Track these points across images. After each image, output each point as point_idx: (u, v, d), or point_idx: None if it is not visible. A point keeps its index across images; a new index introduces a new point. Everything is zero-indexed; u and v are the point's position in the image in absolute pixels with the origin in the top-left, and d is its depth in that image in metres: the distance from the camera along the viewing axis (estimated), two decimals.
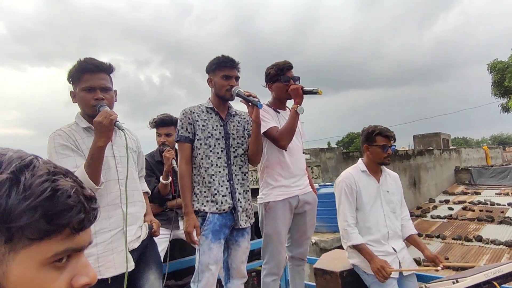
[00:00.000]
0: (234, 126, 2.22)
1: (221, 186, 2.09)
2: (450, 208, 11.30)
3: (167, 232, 2.49)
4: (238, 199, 2.13)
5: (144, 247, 1.85)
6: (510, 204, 10.91)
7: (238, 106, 2.28)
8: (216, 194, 2.07)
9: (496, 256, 7.53)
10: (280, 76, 2.38)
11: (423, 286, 2.14)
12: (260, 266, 2.56)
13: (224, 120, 2.19)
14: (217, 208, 2.06)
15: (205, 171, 2.08)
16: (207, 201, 2.07)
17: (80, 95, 1.69)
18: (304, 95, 2.28)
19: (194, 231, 2.00)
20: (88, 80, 1.68)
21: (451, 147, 17.98)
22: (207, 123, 2.13)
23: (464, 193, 13.22)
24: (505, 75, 16.26)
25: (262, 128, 2.18)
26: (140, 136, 2.10)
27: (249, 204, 2.22)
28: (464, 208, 11.14)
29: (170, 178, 2.68)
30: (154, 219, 1.97)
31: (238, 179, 2.17)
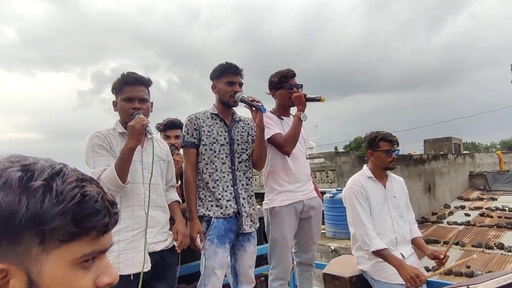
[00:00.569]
0: (238, 132, 2.25)
1: (225, 191, 2.11)
2: (467, 214, 11.02)
3: None
4: (242, 204, 2.14)
5: (164, 262, 1.90)
6: None
7: (242, 111, 2.33)
8: (220, 199, 2.09)
9: None
10: (284, 84, 2.42)
11: None
12: (268, 271, 2.57)
13: (228, 126, 2.22)
14: (221, 212, 2.07)
15: (209, 176, 2.11)
16: (212, 205, 2.09)
17: (121, 104, 1.90)
18: (307, 102, 2.31)
19: (198, 237, 2.02)
20: (129, 92, 1.88)
21: (464, 152, 17.57)
22: (212, 129, 2.16)
23: (480, 198, 12.88)
24: None
25: (266, 135, 2.21)
26: None
27: (253, 209, 2.23)
28: (481, 215, 10.83)
29: (179, 181, 2.71)
30: (181, 229, 1.98)
31: (243, 184, 2.19)
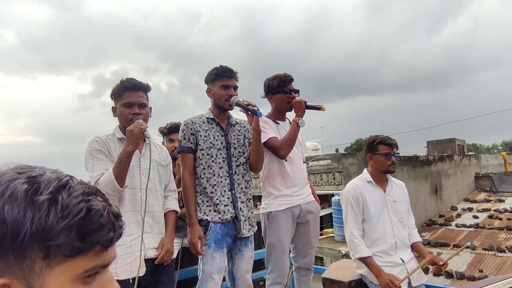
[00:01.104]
0: (235, 135, 2.24)
1: (222, 196, 2.10)
2: (475, 217, 10.84)
3: (178, 241, 2.50)
4: (240, 208, 2.14)
5: (162, 267, 1.92)
6: None
7: (237, 115, 2.32)
8: (218, 204, 2.08)
9: None
10: (283, 88, 2.40)
11: None
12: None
13: (225, 130, 2.21)
14: (219, 217, 2.07)
15: (207, 181, 2.10)
16: (210, 210, 2.08)
17: (120, 109, 1.92)
18: (306, 109, 2.31)
19: (199, 242, 2.01)
20: (128, 97, 1.90)
21: (469, 153, 17.33)
22: (208, 134, 2.16)
23: (487, 200, 12.69)
24: None
25: (262, 139, 2.19)
26: None
27: (251, 213, 2.22)
28: (490, 217, 10.63)
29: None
30: (166, 244, 1.95)
31: (241, 188, 2.18)
